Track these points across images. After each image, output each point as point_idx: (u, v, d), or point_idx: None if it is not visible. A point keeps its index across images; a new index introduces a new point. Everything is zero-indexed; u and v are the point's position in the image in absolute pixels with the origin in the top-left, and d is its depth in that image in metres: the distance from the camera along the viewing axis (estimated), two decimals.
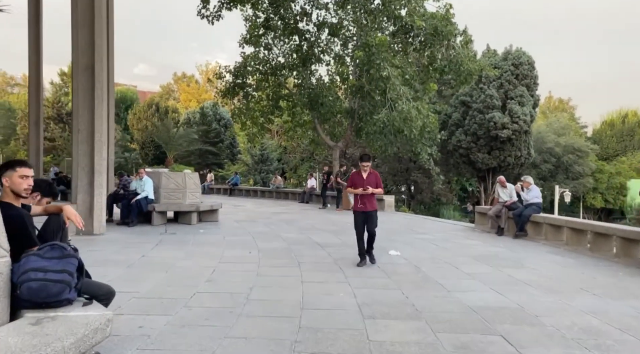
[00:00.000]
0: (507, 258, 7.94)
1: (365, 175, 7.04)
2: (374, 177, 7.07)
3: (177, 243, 8.63)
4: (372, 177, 7.06)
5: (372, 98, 18.21)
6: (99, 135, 9.25)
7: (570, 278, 6.55)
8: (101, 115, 9.27)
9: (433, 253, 8.34)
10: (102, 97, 9.30)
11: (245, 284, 5.68)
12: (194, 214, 11.39)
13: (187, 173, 11.79)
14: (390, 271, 6.72)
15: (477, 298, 5.39)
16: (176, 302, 4.82)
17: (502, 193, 11.27)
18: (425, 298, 5.33)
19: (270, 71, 20.17)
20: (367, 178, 7.00)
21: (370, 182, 6.97)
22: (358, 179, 7.04)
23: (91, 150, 9.24)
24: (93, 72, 9.25)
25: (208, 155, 36.73)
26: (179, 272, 6.29)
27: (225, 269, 6.58)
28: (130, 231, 9.98)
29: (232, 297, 5.09)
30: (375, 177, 7.09)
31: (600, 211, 38.11)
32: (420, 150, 18.09)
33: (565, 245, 9.42)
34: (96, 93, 9.23)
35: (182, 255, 7.51)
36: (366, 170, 7.06)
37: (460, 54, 17.59)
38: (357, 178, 7.07)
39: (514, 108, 23.60)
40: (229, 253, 7.76)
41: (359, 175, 7.08)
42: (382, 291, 5.58)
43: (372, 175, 7.08)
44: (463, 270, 6.94)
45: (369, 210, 6.98)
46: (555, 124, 38.72)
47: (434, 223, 13.74)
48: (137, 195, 10.88)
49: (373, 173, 7.13)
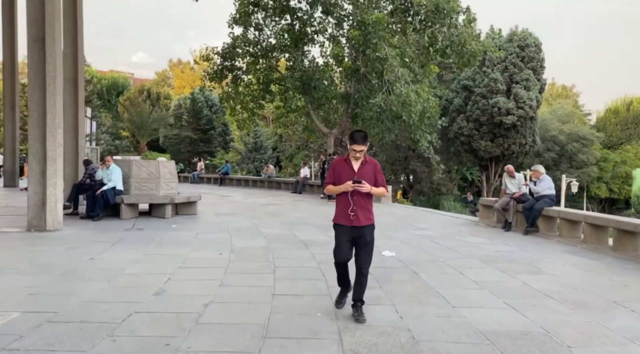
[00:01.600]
0: (519, 260, 6.84)
1: (357, 165, 4.20)
2: (371, 169, 4.24)
3: (139, 242, 7.51)
4: (369, 168, 4.24)
5: (369, 82, 17.04)
6: (51, 116, 8.07)
7: (598, 287, 5.45)
8: (54, 93, 8.09)
9: (434, 253, 7.23)
10: (55, 73, 8.10)
11: (201, 299, 4.56)
12: (168, 207, 10.25)
13: (161, 161, 10.63)
14: (383, 278, 5.62)
15: (490, 317, 4.29)
16: (100, 329, 3.71)
17: (510, 184, 10.15)
18: (424, 318, 4.22)
19: (261, 53, 18.94)
20: (360, 170, 4.19)
21: (364, 176, 4.17)
22: (344, 170, 4.22)
23: (43, 134, 8.08)
24: (44, 44, 8.05)
25: (199, 143, 35.47)
26: (124, 282, 5.18)
27: (184, 277, 5.47)
28: (92, 227, 8.86)
29: (178, 320, 3.98)
30: (373, 169, 4.26)
31: (604, 201, 37.07)
32: (420, 137, 16.95)
33: (582, 242, 8.31)
34: (47, 68, 8.03)
35: (139, 257, 6.39)
36: (359, 158, 4.19)
37: (463, 33, 16.37)
38: (343, 168, 4.23)
39: (519, 93, 22.34)
40: (195, 255, 6.64)
41: (345, 164, 4.24)
42: (371, 308, 4.47)
43: (369, 166, 4.24)
44: (469, 276, 5.84)
45: (362, 225, 4.15)
46: (559, 111, 37.47)
47: (434, 217, 12.64)
48: (104, 185, 9.73)
49: (371, 163, 4.27)
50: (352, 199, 4.15)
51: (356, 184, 4.07)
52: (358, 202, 4.17)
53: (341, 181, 4.19)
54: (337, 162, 4.35)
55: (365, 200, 4.21)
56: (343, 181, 4.16)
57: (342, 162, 4.30)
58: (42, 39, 8.07)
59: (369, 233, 4.22)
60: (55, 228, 8.23)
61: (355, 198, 4.16)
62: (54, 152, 8.13)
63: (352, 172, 4.20)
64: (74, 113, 12.29)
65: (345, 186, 4.12)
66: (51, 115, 8.07)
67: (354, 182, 4.08)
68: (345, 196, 4.16)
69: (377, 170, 4.29)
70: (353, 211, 4.15)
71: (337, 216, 4.26)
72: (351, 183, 4.08)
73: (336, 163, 4.36)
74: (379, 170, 4.32)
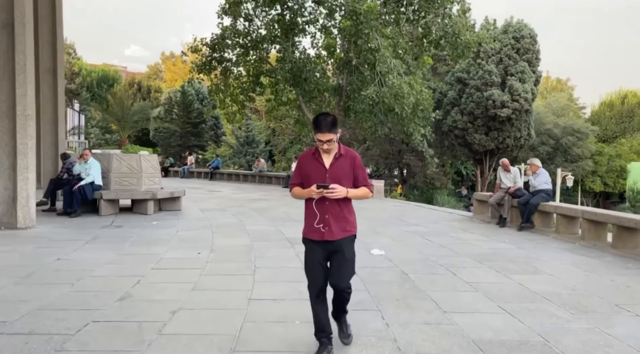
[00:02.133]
0: (514, 259, 6.49)
1: (329, 160, 3.22)
2: (348, 164, 3.25)
3: (114, 240, 7.10)
4: (345, 163, 3.24)
5: (361, 74, 16.60)
6: (21, 108, 7.61)
7: (599, 289, 5.10)
8: (24, 83, 7.62)
9: (425, 251, 6.87)
10: (25, 61, 7.63)
11: (170, 305, 4.17)
12: (150, 202, 9.83)
13: (142, 155, 10.19)
14: (370, 279, 5.25)
15: (484, 324, 3.93)
16: (48, 342, 3.31)
17: (505, 178, 9.80)
18: (412, 325, 3.86)
19: (251, 44, 18.43)
20: (333, 167, 3.21)
21: (340, 174, 3.20)
22: (313, 167, 3.24)
23: (13, 126, 7.63)
24: (13, 30, 7.57)
25: (190, 137, 34.89)
26: (89, 285, 4.78)
27: (155, 279, 5.07)
28: (67, 224, 8.43)
29: (140, 330, 3.59)
30: (351, 164, 3.26)
31: (599, 195, 36.92)
32: (413, 130, 16.54)
33: (580, 239, 7.98)
34: (17, 56, 7.56)
35: (111, 257, 5.99)
36: (328, 151, 3.20)
37: (457, 23, 15.93)
38: (311, 164, 3.26)
39: (514, 85, 21.96)
40: (171, 255, 6.24)
41: (313, 159, 3.25)
42: (355, 314, 4.10)
43: (345, 160, 3.24)
44: (462, 276, 5.48)
45: (336, 238, 3.21)
46: (554, 105, 37.18)
47: (427, 212, 12.29)
48: (82, 180, 9.29)
49: (348, 156, 3.26)
50: (322, 206, 3.16)
51: (322, 190, 3.05)
52: (331, 209, 3.17)
53: (309, 182, 3.17)
54: (304, 156, 3.32)
55: (341, 205, 3.21)
56: (312, 182, 3.14)
57: (309, 156, 3.26)
58: (10, 24, 7.59)
59: (348, 247, 3.25)
60: (27, 225, 7.80)
61: (328, 204, 3.16)
62: (24, 146, 7.68)
63: (322, 169, 3.19)
64: (53, 105, 11.83)
65: (309, 193, 3.12)
66: (21, 107, 7.61)
67: (319, 187, 3.04)
68: (313, 203, 3.18)
69: (356, 164, 3.26)
70: (324, 222, 3.17)
71: (306, 228, 3.27)
72: (315, 189, 3.06)
73: (302, 158, 3.31)
74: (359, 165, 3.28)
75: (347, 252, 3.26)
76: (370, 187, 3.34)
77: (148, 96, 39.69)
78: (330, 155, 3.24)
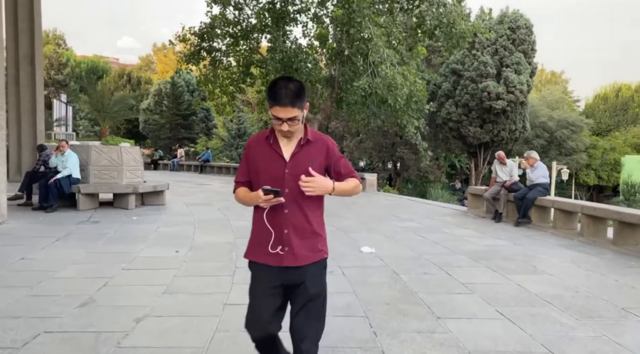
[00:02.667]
0: (512, 257, 6.14)
1: (289, 149, 2.22)
2: (318, 154, 2.24)
3: (88, 237, 6.68)
4: (314, 153, 2.23)
5: (354, 64, 16.16)
6: None
7: (603, 290, 4.76)
8: None
9: (418, 249, 6.51)
10: None
11: (135, 311, 3.77)
12: (131, 197, 9.39)
13: (123, 147, 9.73)
14: (358, 280, 4.88)
15: (481, 332, 3.57)
16: None
17: (501, 172, 9.45)
18: (402, 334, 3.49)
19: (241, 34, 17.92)
20: (295, 158, 2.20)
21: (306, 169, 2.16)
22: (266, 159, 2.23)
23: None
24: None
25: (180, 129, 34.28)
26: (50, 288, 4.36)
27: (125, 281, 4.67)
28: (41, 220, 7.98)
29: (96, 342, 3.19)
30: (322, 154, 2.26)
31: (593, 189, 36.78)
32: (407, 122, 16.14)
33: (579, 235, 7.65)
34: None
35: (80, 256, 5.57)
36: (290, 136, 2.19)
37: (452, 12, 15.51)
38: (263, 155, 2.24)
39: (509, 77, 21.58)
40: (147, 253, 5.83)
41: (267, 146, 2.23)
42: (341, 320, 3.73)
43: (314, 150, 2.24)
44: (457, 277, 5.12)
45: (301, 264, 2.21)
46: (548, 97, 36.89)
47: (420, 206, 11.93)
48: (59, 173, 8.84)
49: (319, 144, 2.26)
50: (277, 218, 2.17)
51: (271, 197, 2.08)
52: (292, 221, 2.18)
53: (259, 180, 2.18)
54: (254, 142, 2.27)
55: (307, 214, 2.20)
56: (263, 181, 2.15)
57: (261, 142, 2.23)
58: None
59: (316, 277, 2.23)
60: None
61: (288, 213, 2.17)
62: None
63: (279, 161, 2.17)
64: (32, 95, 11.33)
65: (256, 198, 2.12)
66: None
67: (267, 193, 2.06)
68: (265, 214, 2.18)
69: (331, 154, 2.25)
70: (282, 241, 2.17)
71: (253, 248, 2.27)
72: (262, 194, 2.07)
73: (251, 145, 2.28)
74: (333, 153, 2.26)
75: (315, 285, 2.21)
76: (357, 177, 2.33)
77: (138, 88, 38.96)
78: (293, 141, 2.19)
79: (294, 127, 2.13)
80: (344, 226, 8.15)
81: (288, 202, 2.16)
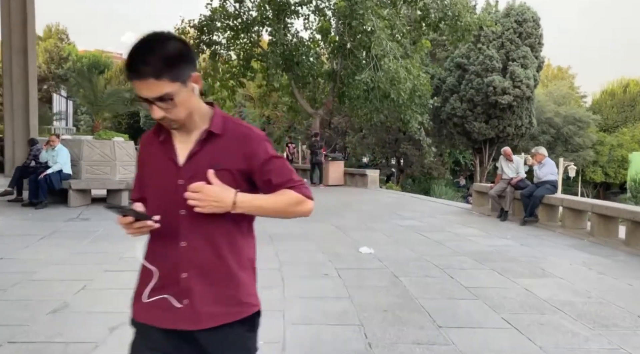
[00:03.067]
0: (519, 258, 5.82)
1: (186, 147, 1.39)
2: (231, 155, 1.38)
3: (75, 235, 6.40)
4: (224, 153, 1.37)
5: (356, 58, 15.85)
6: None
7: (616, 296, 4.43)
8: None
9: (419, 249, 6.19)
10: None
11: (111, 319, 3.48)
12: (125, 193, 9.08)
13: (117, 142, 9.44)
14: (355, 284, 4.58)
15: (486, 343, 3.27)
16: None
17: (507, 169, 9.11)
18: (400, 346, 3.19)
19: (241, 27, 17.58)
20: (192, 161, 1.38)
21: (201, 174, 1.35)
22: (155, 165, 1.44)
23: None
24: None
25: None
26: (24, 292, 4.09)
27: (104, 284, 4.39)
28: (29, 216, 7.72)
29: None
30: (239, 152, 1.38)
31: (599, 186, 36.30)
32: (410, 117, 15.81)
33: (589, 235, 7.31)
34: None
35: (63, 256, 5.29)
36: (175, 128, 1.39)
37: (457, 4, 15.12)
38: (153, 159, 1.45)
39: (516, 71, 21.12)
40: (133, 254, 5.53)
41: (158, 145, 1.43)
42: (334, 329, 3.43)
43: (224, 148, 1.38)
44: (461, 280, 4.80)
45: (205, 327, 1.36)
46: (555, 93, 36.38)
47: (423, 204, 11.60)
48: (49, 168, 8.57)
49: (233, 138, 1.39)
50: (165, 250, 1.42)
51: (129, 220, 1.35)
52: (191, 255, 1.38)
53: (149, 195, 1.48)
54: (144, 139, 1.53)
55: (219, 242, 1.40)
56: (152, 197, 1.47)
57: (151, 139, 1.48)
58: None
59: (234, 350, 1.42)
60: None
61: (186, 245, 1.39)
62: None
63: (169, 166, 1.41)
64: (24, 89, 11.06)
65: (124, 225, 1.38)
66: None
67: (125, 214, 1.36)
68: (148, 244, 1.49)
69: (252, 152, 1.40)
70: (173, 287, 1.39)
71: (135, 299, 1.47)
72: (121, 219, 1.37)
73: (142, 142, 1.53)
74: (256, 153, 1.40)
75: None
76: (305, 190, 1.44)
77: None
78: (192, 135, 1.41)
79: (173, 113, 1.32)
80: (342, 224, 7.84)
81: (185, 230, 1.37)
